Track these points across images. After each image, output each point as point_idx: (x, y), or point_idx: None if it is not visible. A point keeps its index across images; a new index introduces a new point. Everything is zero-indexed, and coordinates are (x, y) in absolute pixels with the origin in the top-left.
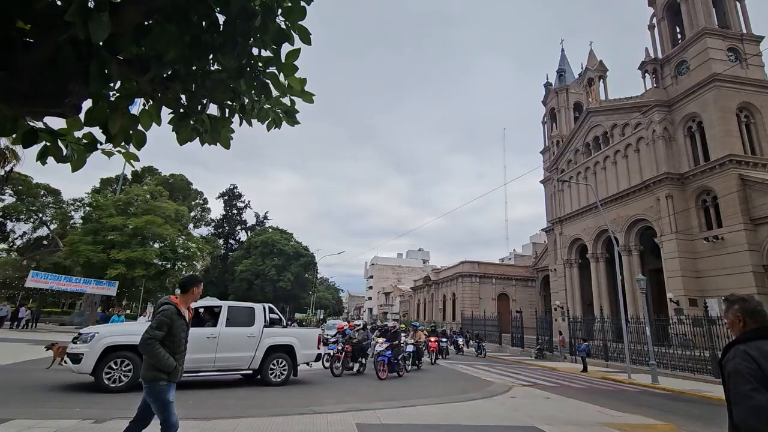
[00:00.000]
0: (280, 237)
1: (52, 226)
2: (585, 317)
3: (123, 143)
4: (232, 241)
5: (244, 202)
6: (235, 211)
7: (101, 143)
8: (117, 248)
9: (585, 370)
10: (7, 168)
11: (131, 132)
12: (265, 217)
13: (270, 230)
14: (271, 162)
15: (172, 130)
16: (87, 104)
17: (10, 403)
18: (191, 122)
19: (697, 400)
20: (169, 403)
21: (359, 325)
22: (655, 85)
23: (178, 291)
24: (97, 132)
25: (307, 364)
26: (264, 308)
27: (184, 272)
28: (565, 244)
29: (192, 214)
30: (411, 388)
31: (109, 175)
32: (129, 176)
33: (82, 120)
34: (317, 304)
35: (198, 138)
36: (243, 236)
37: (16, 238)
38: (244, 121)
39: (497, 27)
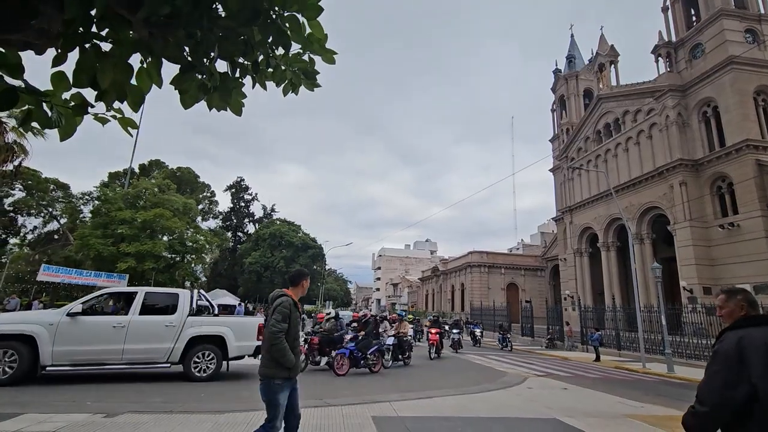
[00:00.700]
0: (288, 229)
1: (62, 221)
2: (596, 306)
3: (116, 103)
4: (240, 234)
5: (251, 194)
6: (242, 204)
7: (92, 106)
8: (126, 241)
9: (598, 359)
10: (16, 162)
11: (125, 89)
12: (273, 210)
13: (278, 222)
14: (278, 156)
15: (175, 89)
16: (74, 57)
17: (20, 396)
18: (198, 77)
19: None
20: (280, 405)
21: (330, 314)
22: (668, 69)
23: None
24: (89, 95)
25: (234, 358)
26: (190, 294)
27: (193, 265)
28: (575, 233)
29: (200, 207)
30: (364, 386)
31: (116, 169)
32: (137, 170)
33: (71, 80)
34: (326, 296)
35: (206, 101)
36: (251, 229)
37: (28, 233)
38: (257, 84)
39: (504, 13)
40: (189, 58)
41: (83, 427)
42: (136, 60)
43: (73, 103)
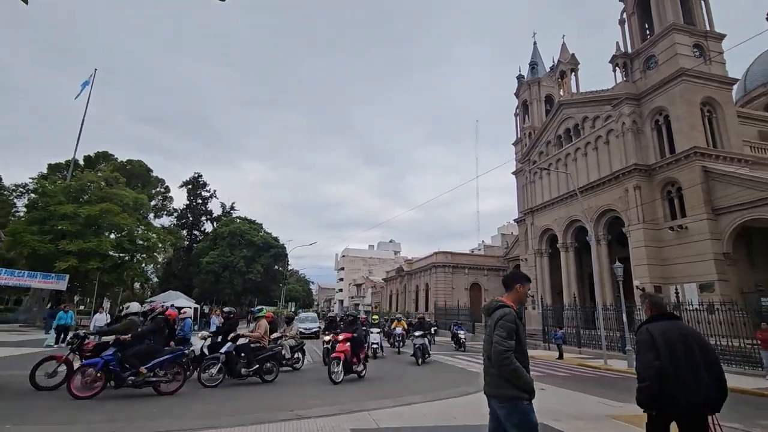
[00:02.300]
0: (249, 227)
1: None
2: (555, 305)
3: None
4: (196, 232)
5: (209, 191)
6: (199, 201)
7: None
8: (68, 239)
9: (561, 357)
10: None
11: None
12: (232, 208)
13: (238, 220)
14: (238, 151)
15: None
16: None
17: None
18: None
19: None
20: (534, 426)
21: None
22: (625, 78)
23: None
24: None
25: None
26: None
27: (144, 265)
28: (536, 234)
29: (152, 203)
30: (336, 394)
31: (57, 161)
32: (81, 162)
33: None
34: (288, 297)
35: None
36: (208, 227)
37: None
38: None
39: (470, 18)
40: None
41: None
42: None
43: None
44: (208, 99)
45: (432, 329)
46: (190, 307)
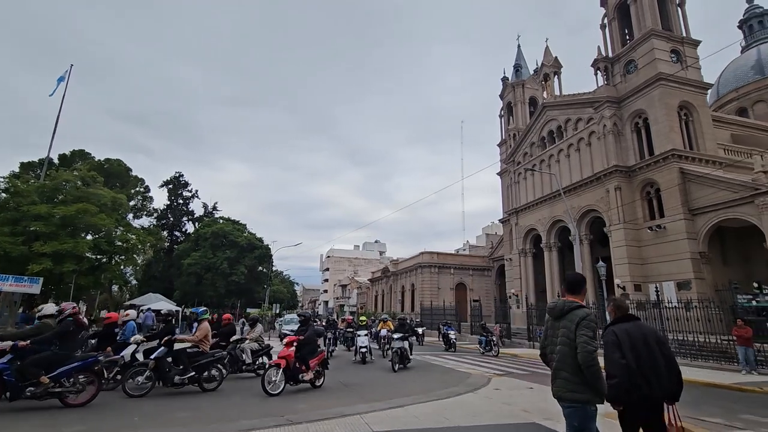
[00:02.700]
0: (233, 228)
1: None
2: (539, 304)
3: None
4: (177, 233)
5: (191, 191)
6: (180, 201)
7: None
8: (42, 240)
9: None
10: None
11: None
12: (215, 208)
13: (221, 221)
14: (220, 151)
15: None
16: None
17: None
18: None
19: None
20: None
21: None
22: (606, 82)
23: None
24: None
25: None
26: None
27: (122, 267)
28: (520, 234)
29: (132, 203)
30: (322, 398)
31: (30, 159)
32: (56, 160)
33: None
34: (272, 298)
35: None
36: (190, 228)
37: None
38: None
39: (455, 19)
40: None
41: None
42: None
43: None
44: (188, 97)
45: (419, 330)
46: (172, 310)
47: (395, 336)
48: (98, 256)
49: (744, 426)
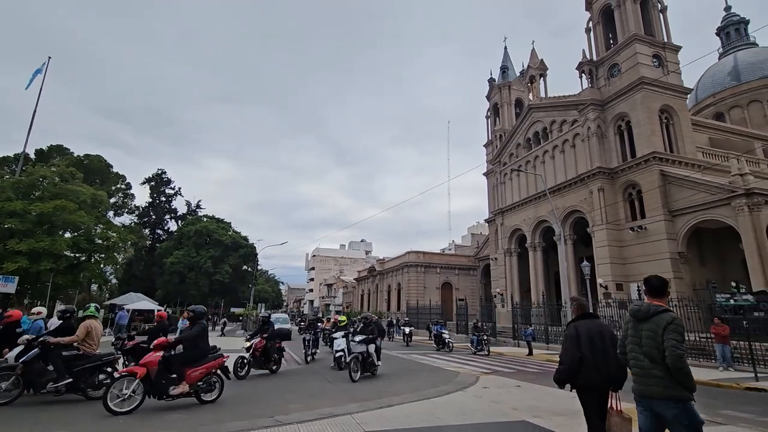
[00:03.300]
0: (217, 226)
1: None
2: (523, 303)
3: None
4: (159, 231)
5: (174, 188)
6: (163, 199)
7: None
8: (17, 237)
9: (530, 353)
10: None
11: None
12: (198, 206)
13: (205, 219)
14: (204, 148)
15: None
16: None
17: None
18: None
19: None
20: (702, 423)
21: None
22: (590, 85)
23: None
24: None
25: None
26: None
27: (102, 265)
28: (505, 234)
29: (112, 200)
30: (314, 396)
31: (5, 154)
32: (33, 155)
33: None
34: (257, 298)
35: None
36: (173, 226)
37: None
38: None
39: (444, 21)
40: None
41: None
42: None
43: None
44: (174, 94)
45: (407, 329)
46: (153, 310)
47: (356, 339)
48: (77, 255)
49: (725, 421)
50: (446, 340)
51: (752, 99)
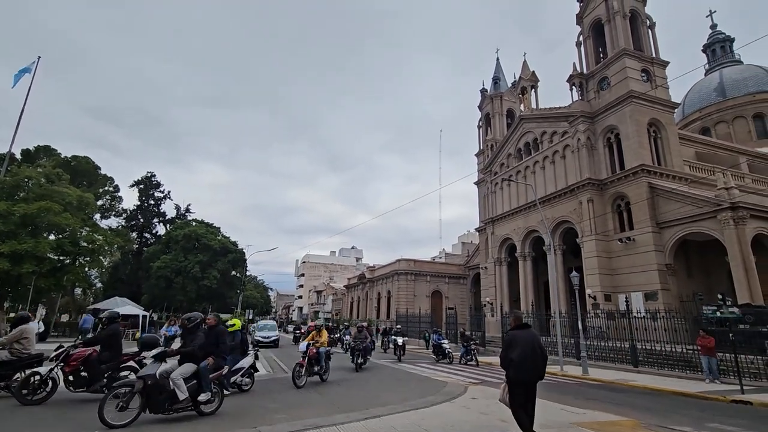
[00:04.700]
0: (206, 231)
1: None
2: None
3: None
4: (147, 235)
5: (163, 192)
6: (152, 202)
7: None
8: None
9: None
10: None
11: None
12: (188, 210)
13: (194, 223)
14: (195, 151)
15: None
16: None
17: None
18: None
19: (630, 390)
20: None
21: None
22: (580, 97)
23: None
24: None
25: None
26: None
27: (87, 269)
28: (495, 243)
29: (99, 202)
30: (296, 405)
31: None
32: (18, 155)
33: None
34: (245, 304)
35: None
36: (161, 230)
37: None
38: None
39: (437, 29)
40: None
41: None
42: None
43: None
44: (165, 95)
45: (400, 340)
46: (138, 315)
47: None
48: (61, 257)
49: None
50: (446, 351)
51: (737, 115)
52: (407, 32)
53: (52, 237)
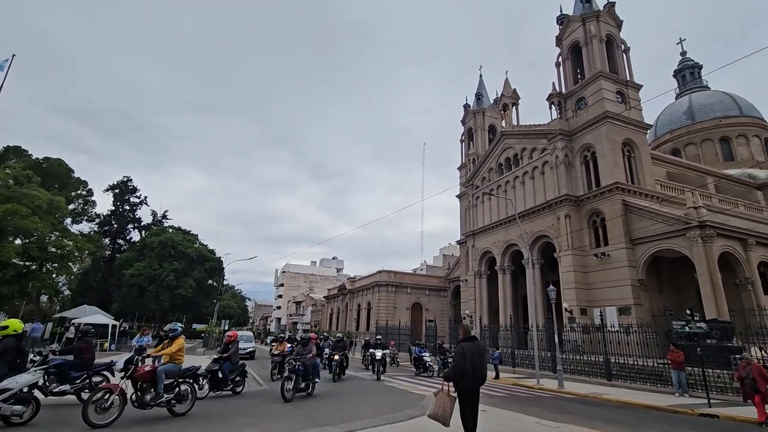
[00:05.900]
0: (183, 238)
1: None
2: (492, 326)
3: None
4: (121, 241)
5: (139, 197)
6: (127, 207)
7: None
8: None
9: (497, 377)
10: None
11: None
12: (164, 216)
13: (170, 230)
14: (175, 156)
15: None
16: None
17: None
18: None
19: (604, 403)
20: None
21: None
22: (559, 116)
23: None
24: None
25: None
26: None
27: (55, 275)
28: (476, 256)
29: (71, 206)
30: (272, 419)
31: None
32: None
33: None
34: (221, 314)
35: None
36: (136, 236)
37: None
38: None
39: (422, 44)
40: None
41: None
42: None
43: None
44: (144, 98)
45: (378, 353)
46: (108, 324)
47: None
48: (27, 263)
49: None
50: (428, 364)
51: (705, 138)
52: (394, 46)
53: (18, 241)
